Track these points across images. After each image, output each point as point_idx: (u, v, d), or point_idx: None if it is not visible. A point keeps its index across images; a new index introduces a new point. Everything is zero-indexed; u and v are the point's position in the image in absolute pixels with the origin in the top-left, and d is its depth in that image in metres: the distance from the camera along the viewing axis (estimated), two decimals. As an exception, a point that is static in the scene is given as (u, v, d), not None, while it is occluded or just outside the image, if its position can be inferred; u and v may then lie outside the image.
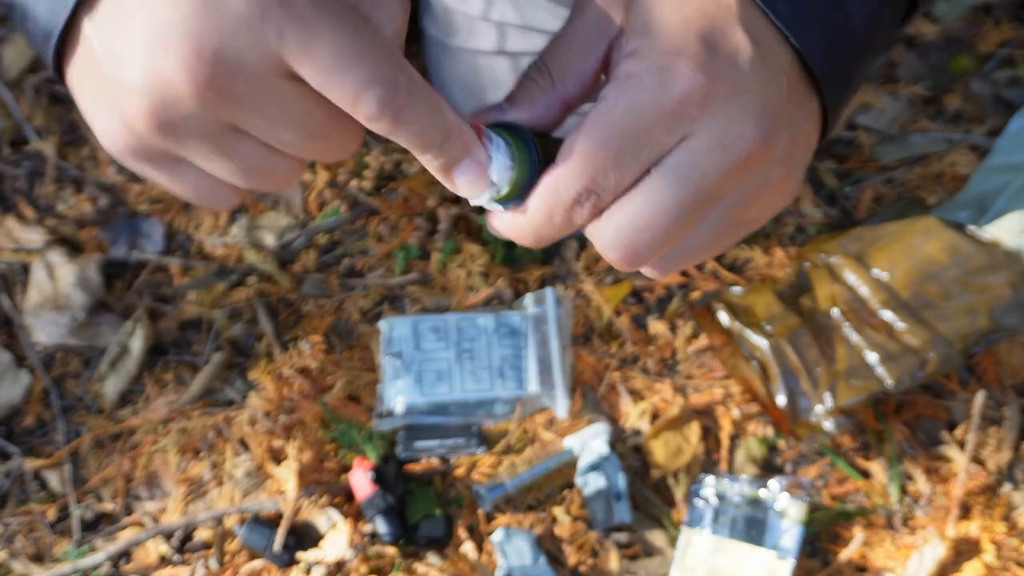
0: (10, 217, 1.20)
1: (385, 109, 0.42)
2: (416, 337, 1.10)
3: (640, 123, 0.46)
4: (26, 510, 1.07)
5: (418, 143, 0.45)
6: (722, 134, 0.47)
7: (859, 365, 1.06)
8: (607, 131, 0.46)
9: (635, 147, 0.46)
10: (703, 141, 0.47)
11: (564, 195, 0.47)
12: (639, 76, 0.46)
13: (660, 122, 0.46)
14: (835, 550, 1.04)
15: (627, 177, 0.47)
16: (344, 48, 0.41)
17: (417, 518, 1.03)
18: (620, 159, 0.46)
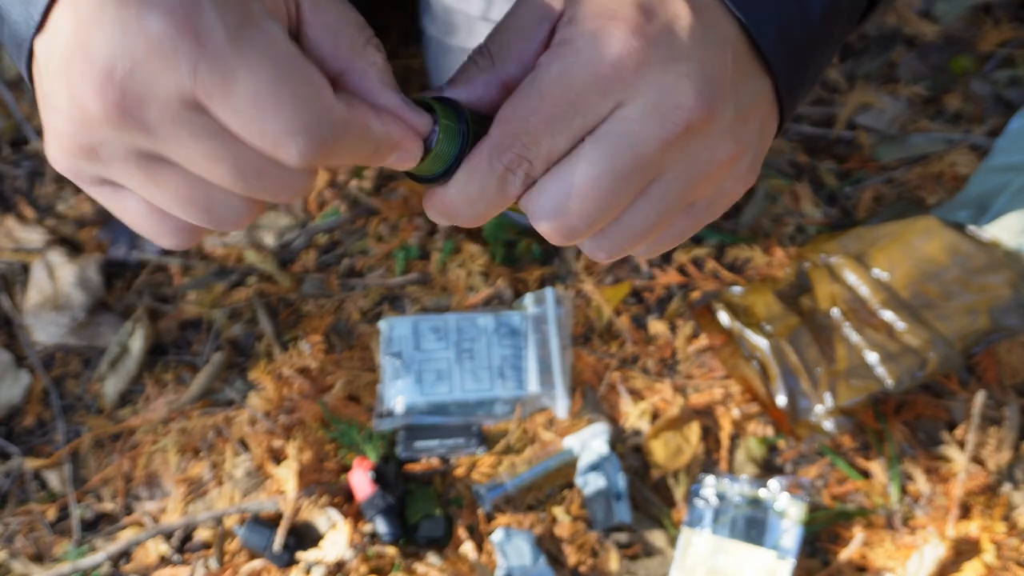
0: (10, 217, 1.20)
1: (309, 159, 0.40)
2: (416, 337, 1.10)
3: (572, 89, 0.45)
4: (26, 510, 1.07)
5: (345, 161, 0.44)
6: (658, 100, 0.45)
7: (859, 365, 1.06)
8: (538, 97, 0.45)
9: (567, 113, 0.45)
10: (637, 108, 0.45)
11: (496, 164, 0.46)
12: (572, 41, 0.45)
13: (593, 88, 0.45)
14: (835, 550, 1.04)
15: (560, 145, 0.46)
16: (263, 91, 0.38)
17: (417, 518, 1.03)
18: (552, 126, 0.45)
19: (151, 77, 0.38)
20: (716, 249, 1.18)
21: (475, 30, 0.93)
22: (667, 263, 1.17)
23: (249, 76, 0.38)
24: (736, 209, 1.21)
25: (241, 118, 0.39)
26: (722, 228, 1.20)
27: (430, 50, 1.03)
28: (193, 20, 0.38)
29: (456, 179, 0.47)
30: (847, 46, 1.32)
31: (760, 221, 1.20)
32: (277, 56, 0.39)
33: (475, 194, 0.47)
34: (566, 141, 0.46)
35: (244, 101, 0.38)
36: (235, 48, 0.38)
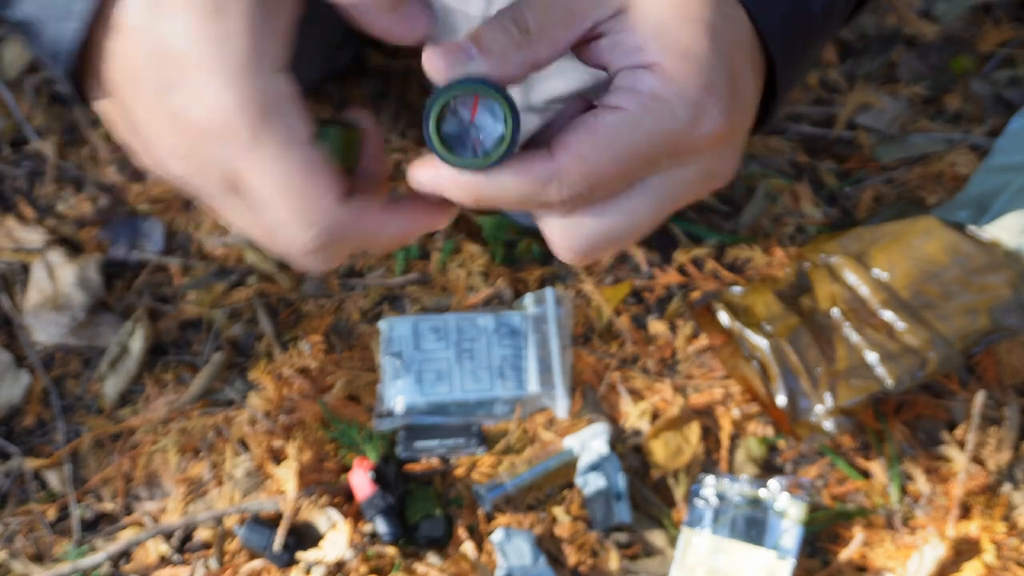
0: (10, 217, 1.20)
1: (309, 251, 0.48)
2: (416, 337, 1.10)
3: (659, 152, 0.46)
4: (26, 510, 1.07)
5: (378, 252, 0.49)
6: (710, 168, 0.48)
7: (859, 365, 1.06)
8: (624, 148, 0.45)
9: (643, 170, 0.46)
10: (693, 172, 0.47)
11: (555, 190, 0.46)
12: (669, 103, 0.45)
13: (675, 155, 0.46)
14: (835, 550, 1.04)
15: (620, 191, 0.47)
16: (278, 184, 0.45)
17: (417, 518, 1.03)
18: (624, 177, 0.46)
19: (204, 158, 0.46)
20: (716, 249, 1.18)
21: (475, 30, 0.93)
22: (667, 263, 1.17)
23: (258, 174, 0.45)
24: (736, 209, 1.21)
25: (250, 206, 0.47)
26: (722, 228, 1.20)
27: (430, 50, 1.03)
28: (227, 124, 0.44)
29: (503, 181, 0.46)
30: (847, 46, 1.32)
31: (760, 221, 1.20)
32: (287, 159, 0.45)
33: (513, 198, 0.47)
34: (626, 189, 0.47)
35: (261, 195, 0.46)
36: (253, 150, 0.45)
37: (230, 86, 0.44)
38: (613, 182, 0.46)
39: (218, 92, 0.44)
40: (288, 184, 0.45)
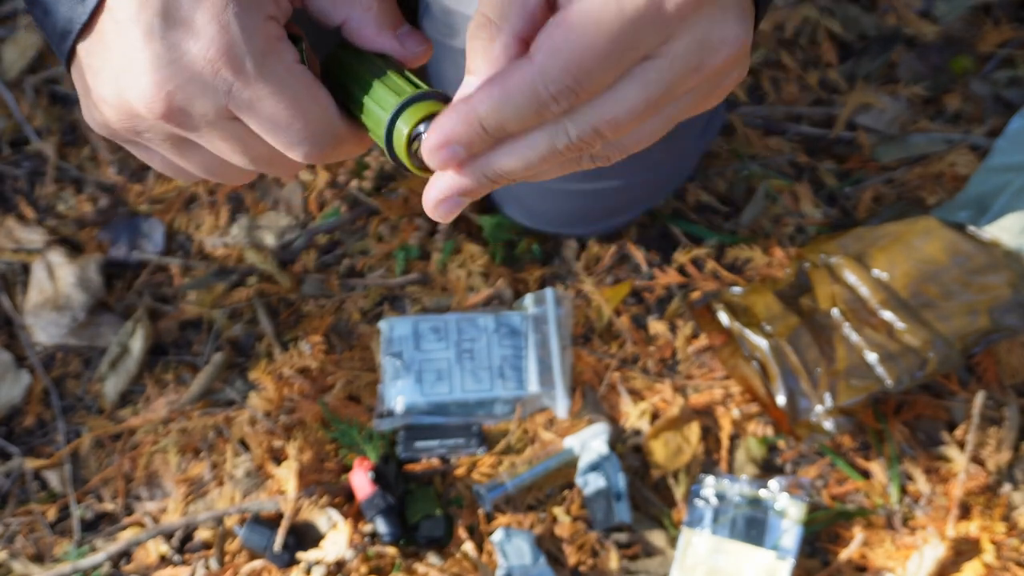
0: (10, 217, 1.20)
1: (312, 159, 0.52)
2: (416, 337, 1.10)
3: (634, 24, 0.44)
4: (26, 510, 1.07)
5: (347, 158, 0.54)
6: (704, 36, 0.45)
7: (859, 365, 1.06)
8: (595, 31, 0.44)
9: (624, 52, 0.44)
10: (684, 43, 0.45)
11: (542, 91, 0.44)
12: None
13: (653, 24, 0.44)
14: (835, 550, 1.04)
15: (609, 79, 0.45)
16: (281, 111, 0.50)
17: (417, 518, 1.03)
18: (606, 63, 0.44)
19: (193, 96, 0.49)
20: (716, 249, 1.18)
21: (475, 30, 0.93)
22: (667, 263, 1.17)
23: (271, 100, 0.49)
24: (736, 209, 1.21)
25: (263, 129, 0.50)
26: (722, 228, 1.20)
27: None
28: (229, 50, 0.48)
29: (488, 97, 0.45)
30: (847, 46, 1.32)
31: (760, 221, 1.20)
32: (293, 83, 0.50)
33: (511, 113, 0.46)
34: (615, 75, 0.45)
35: (267, 118, 0.50)
36: (261, 76, 0.49)
37: (232, 23, 0.48)
38: (598, 70, 0.44)
39: (221, 27, 0.48)
40: (296, 102, 0.49)
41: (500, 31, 0.47)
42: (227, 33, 0.48)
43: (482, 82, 0.46)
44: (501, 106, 0.46)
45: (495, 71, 0.47)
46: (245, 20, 0.48)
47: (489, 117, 0.46)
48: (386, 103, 0.52)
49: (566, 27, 0.44)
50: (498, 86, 0.45)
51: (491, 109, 0.46)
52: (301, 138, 0.51)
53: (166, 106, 0.49)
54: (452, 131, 0.47)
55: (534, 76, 0.45)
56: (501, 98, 0.45)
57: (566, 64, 0.44)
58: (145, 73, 0.49)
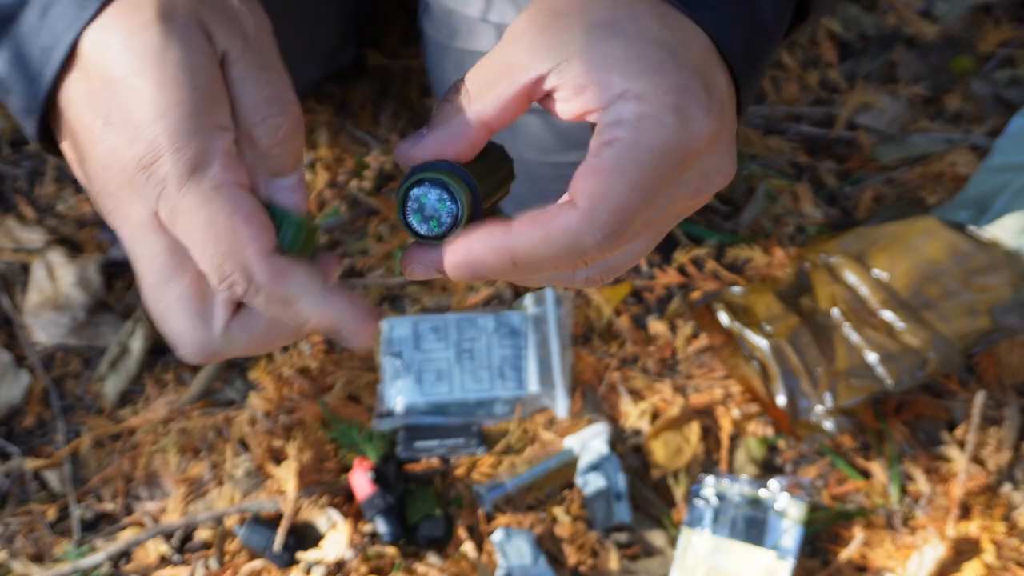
0: (10, 217, 1.20)
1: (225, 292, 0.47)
2: (416, 337, 1.10)
3: (667, 164, 0.46)
4: (26, 510, 1.07)
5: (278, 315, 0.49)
6: (707, 171, 0.48)
7: (859, 365, 1.06)
8: (636, 173, 0.45)
9: (661, 190, 0.46)
10: (693, 175, 0.48)
11: (590, 237, 0.46)
12: (655, 116, 0.45)
13: (681, 165, 0.46)
14: (835, 550, 1.04)
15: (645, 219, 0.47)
16: (194, 231, 0.46)
17: (417, 518, 1.03)
18: (647, 202, 0.46)
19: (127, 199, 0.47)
20: (716, 249, 1.18)
21: (475, 32, 0.93)
22: (667, 263, 1.17)
23: (188, 215, 0.46)
24: (736, 209, 1.21)
25: (184, 243, 0.47)
26: (722, 228, 1.20)
27: (430, 52, 1.03)
28: (155, 163, 0.46)
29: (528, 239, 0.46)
30: (847, 46, 1.32)
31: (760, 221, 1.20)
32: (211, 206, 0.46)
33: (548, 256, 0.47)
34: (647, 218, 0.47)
35: (183, 233, 0.47)
36: (180, 191, 0.46)
37: (165, 130, 0.45)
38: (640, 211, 0.46)
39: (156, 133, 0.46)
40: (212, 226, 0.46)
41: (470, 108, 0.48)
42: (155, 145, 0.46)
43: (525, 221, 0.47)
44: (540, 249, 0.46)
45: (450, 138, 0.48)
46: (179, 132, 0.46)
47: (524, 258, 0.47)
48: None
49: (607, 173, 0.45)
50: (541, 228, 0.46)
51: (529, 251, 0.46)
52: (210, 266, 0.47)
53: (113, 204, 0.48)
54: (481, 259, 0.47)
55: (580, 223, 0.46)
56: (542, 242, 0.46)
57: (614, 208, 0.45)
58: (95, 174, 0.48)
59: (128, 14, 0.46)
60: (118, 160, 0.46)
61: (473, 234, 0.47)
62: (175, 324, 0.49)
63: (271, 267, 0.47)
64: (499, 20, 0.90)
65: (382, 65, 1.27)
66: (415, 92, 1.27)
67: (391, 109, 1.26)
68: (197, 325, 0.48)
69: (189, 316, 0.48)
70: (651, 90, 0.46)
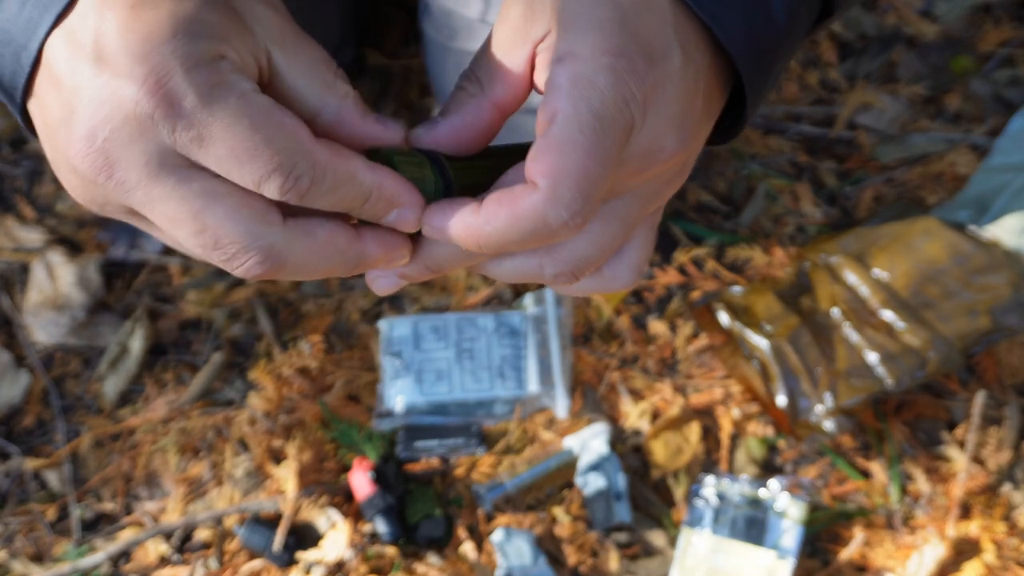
0: (10, 217, 1.20)
1: (288, 194, 0.43)
2: (416, 337, 1.10)
3: (614, 127, 0.44)
4: (26, 510, 1.07)
5: (337, 208, 0.45)
6: (648, 146, 0.46)
7: (859, 365, 1.06)
8: (586, 140, 0.44)
9: (613, 157, 0.45)
10: (631, 153, 0.46)
11: (555, 214, 0.45)
12: (588, 79, 0.44)
13: (625, 128, 0.45)
14: (835, 550, 1.04)
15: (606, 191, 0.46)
16: (239, 144, 0.42)
17: (417, 518, 1.03)
18: (607, 171, 0.45)
19: (129, 141, 0.42)
20: (716, 249, 1.18)
21: (474, 33, 0.93)
22: (667, 263, 1.17)
23: (224, 132, 0.41)
24: (736, 209, 1.21)
25: (222, 167, 0.42)
26: (722, 228, 1.20)
27: (430, 52, 1.03)
28: (165, 87, 0.41)
29: (497, 219, 0.45)
30: (847, 46, 1.32)
31: (760, 221, 1.20)
32: (249, 109, 0.42)
33: (514, 237, 0.46)
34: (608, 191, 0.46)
35: (224, 155, 0.42)
36: (207, 109, 0.41)
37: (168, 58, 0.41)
38: (602, 179, 0.45)
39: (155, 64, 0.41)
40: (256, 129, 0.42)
41: (481, 94, 0.48)
42: (163, 68, 0.41)
43: (491, 202, 0.45)
44: (508, 232, 0.45)
45: (463, 124, 0.47)
46: (187, 55, 0.41)
47: (492, 239, 0.46)
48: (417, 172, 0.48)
49: (558, 149, 0.44)
50: (507, 209, 0.45)
51: (496, 233, 0.45)
52: (269, 169, 0.42)
53: (102, 158, 0.42)
54: (453, 232, 0.46)
55: (545, 203, 0.44)
56: (509, 224, 0.45)
57: (575, 182, 0.44)
58: (78, 123, 0.42)
59: None
60: (114, 95, 0.41)
61: (443, 206, 0.46)
62: (233, 235, 0.43)
63: (328, 145, 0.44)
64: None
65: (382, 65, 1.27)
66: (415, 92, 1.27)
67: (391, 109, 1.26)
68: (260, 224, 0.43)
69: (248, 219, 0.43)
70: (586, 51, 0.45)
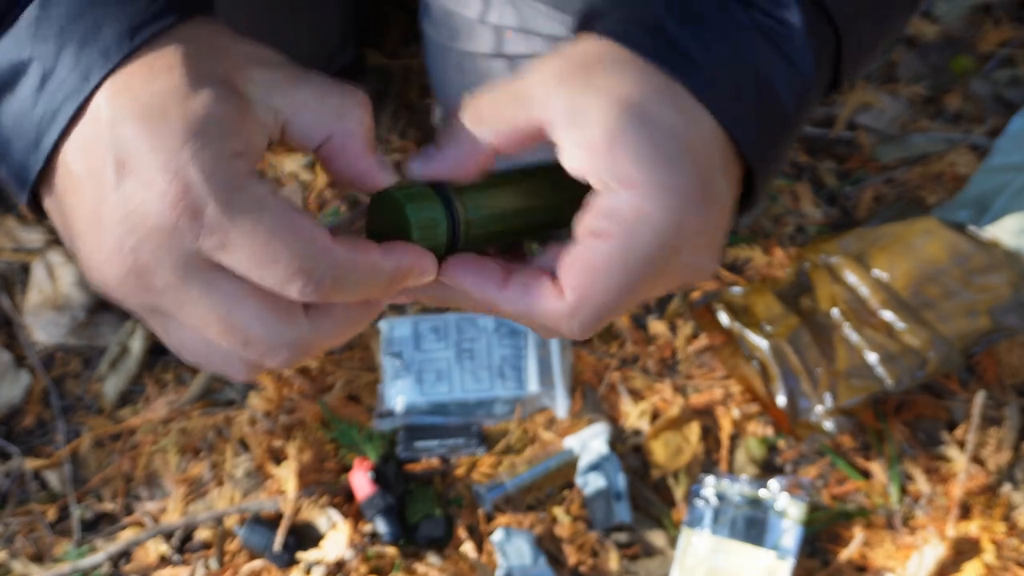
0: (10, 217, 1.20)
1: (311, 296, 0.44)
2: (416, 337, 1.10)
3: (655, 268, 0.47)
4: (26, 510, 1.07)
5: (360, 299, 0.47)
6: (690, 264, 0.49)
7: (859, 365, 1.06)
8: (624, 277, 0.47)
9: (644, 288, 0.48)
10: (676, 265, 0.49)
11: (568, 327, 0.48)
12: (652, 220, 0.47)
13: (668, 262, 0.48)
14: (835, 550, 1.04)
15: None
16: (259, 249, 0.43)
17: (417, 518, 1.03)
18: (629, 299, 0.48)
19: (156, 251, 0.43)
20: (716, 249, 1.18)
21: (475, 33, 0.92)
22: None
23: (245, 239, 0.43)
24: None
25: (247, 271, 0.44)
26: (722, 228, 1.20)
27: (430, 52, 1.03)
28: (187, 199, 0.42)
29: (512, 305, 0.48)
30: (847, 46, 1.32)
31: (760, 221, 1.20)
32: (266, 216, 0.43)
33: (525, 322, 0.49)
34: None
35: (246, 259, 0.43)
36: (227, 216, 0.42)
37: (189, 166, 0.42)
38: (621, 311, 0.49)
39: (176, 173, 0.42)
40: (274, 234, 0.43)
41: (479, 128, 0.49)
42: (183, 178, 0.42)
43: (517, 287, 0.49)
44: (519, 316, 0.49)
45: (454, 160, 0.49)
46: (204, 162, 0.42)
47: (503, 313, 0.49)
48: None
49: (597, 272, 0.47)
50: (526, 301, 0.48)
51: (510, 312, 0.49)
52: (290, 273, 0.43)
53: (129, 266, 0.43)
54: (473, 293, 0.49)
55: (563, 313, 0.48)
56: (524, 312, 0.49)
57: (598, 307, 0.48)
58: (106, 233, 0.43)
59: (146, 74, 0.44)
60: (140, 206, 0.42)
61: (467, 265, 0.49)
62: (261, 334, 0.45)
63: (345, 243, 0.46)
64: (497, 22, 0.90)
65: (382, 65, 1.27)
66: (415, 92, 1.26)
67: (391, 109, 1.26)
68: (285, 324, 0.45)
69: (274, 320, 0.45)
70: (653, 187, 0.47)
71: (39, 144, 0.45)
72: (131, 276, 0.44)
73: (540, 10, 0.86)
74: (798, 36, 0.51)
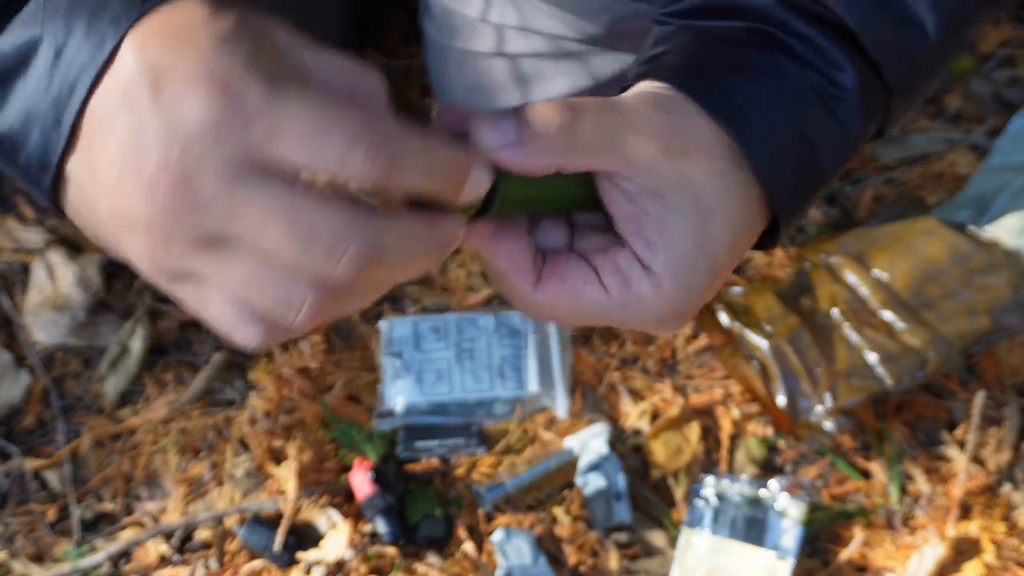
0: (10, 217, 1.20)
1: (373, 168, 0.42)
2: (416, 337, 1.10)
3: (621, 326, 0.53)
4: (26, 510, 1.07)
5: (420, 186, 0.44)
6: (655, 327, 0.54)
7: (859, 365, 1.06)
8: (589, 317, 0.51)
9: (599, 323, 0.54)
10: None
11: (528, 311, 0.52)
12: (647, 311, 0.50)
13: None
14: (835, 550, 1.04)
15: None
16: (312, 123, 0.41)
17: (417, 518, 1.03)
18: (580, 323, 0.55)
19: (202, 155, 0.40)
20: (716, 249, 1.18)
21: (476, 32, 0.93)
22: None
23: (296, 115, 0.40)
24: (736, 209, 1.21)
25: (303, 148, 0.41)
26: (722, 228, 1.20)
27: (431, 52, 1.03)
28: (229, 88, 0.40)
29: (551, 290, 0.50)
30: (847, 46, 1.32)
31: (760, 221, 1.20)
32: (311, 91, 0.41)
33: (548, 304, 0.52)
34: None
35: (300, 138, 0.40)
36: (274, 96, 0.40)
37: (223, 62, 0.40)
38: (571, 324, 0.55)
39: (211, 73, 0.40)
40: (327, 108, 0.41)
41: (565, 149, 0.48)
42: (221, 74, 0.40)
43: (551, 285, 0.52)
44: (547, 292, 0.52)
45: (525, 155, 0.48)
46: (240, 56, 0.41)
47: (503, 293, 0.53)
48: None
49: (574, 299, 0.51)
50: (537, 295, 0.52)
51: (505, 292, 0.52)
52: (349, 140, 0.41)
53: (176, 182, 0.40)
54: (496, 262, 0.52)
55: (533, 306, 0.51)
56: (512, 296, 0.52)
57: (554, 316, 0.52)
58: (146, 157, 0.41)
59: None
60: (179, 112, 0.40)
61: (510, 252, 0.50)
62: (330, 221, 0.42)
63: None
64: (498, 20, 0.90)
65: (382, 65, 1.27)
66: (415, 92, 1.27)
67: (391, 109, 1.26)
68: (351, 213, 0.42)
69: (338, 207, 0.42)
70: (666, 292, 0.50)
71: (60, 121, 0.43)
72: (178, 195, 0.40)
73: (541, 8, 0.86)
74: (850, 97, 0.52)
